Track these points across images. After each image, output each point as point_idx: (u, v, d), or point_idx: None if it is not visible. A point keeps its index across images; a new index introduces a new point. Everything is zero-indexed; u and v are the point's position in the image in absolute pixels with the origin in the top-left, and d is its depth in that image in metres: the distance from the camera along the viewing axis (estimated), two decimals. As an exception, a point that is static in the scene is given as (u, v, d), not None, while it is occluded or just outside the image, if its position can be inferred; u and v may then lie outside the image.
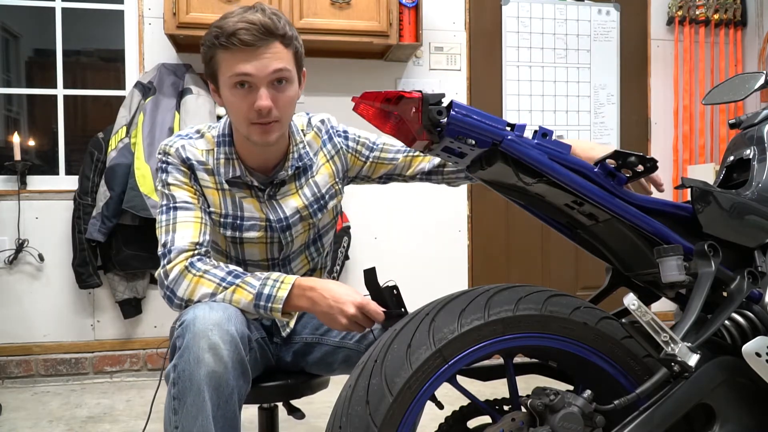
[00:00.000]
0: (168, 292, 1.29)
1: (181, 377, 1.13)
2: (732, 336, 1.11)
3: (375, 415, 0.93)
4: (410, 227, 3.56)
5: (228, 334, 1.15)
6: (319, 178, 1.48)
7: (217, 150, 1.40)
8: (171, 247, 1.30)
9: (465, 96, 3.63)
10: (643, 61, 3.87)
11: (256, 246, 1.44)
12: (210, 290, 1.26)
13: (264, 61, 1.27)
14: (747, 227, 1.12)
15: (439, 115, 0.96)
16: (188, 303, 1.27)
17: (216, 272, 1.27)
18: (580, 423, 0.96)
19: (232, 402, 1.16)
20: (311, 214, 1.47)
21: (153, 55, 3.28)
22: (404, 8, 3.24)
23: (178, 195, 1.35)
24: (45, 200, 3.17)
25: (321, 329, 1.49)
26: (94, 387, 3.12)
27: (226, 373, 1.14)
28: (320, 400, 1.67)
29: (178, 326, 1.18)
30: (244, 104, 1.29)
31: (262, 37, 1.26)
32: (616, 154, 1.02)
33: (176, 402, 1.13)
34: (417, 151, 1.55)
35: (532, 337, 1.02)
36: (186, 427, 1.12)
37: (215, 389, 1.13)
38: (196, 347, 1.13)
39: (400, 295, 1.23)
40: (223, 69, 1.29)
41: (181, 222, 1.33)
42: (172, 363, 1.16)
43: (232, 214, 1.40)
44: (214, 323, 1.15)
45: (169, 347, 1.24)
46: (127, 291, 3.14)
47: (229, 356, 1.14)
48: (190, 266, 1.28)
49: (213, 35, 1.27)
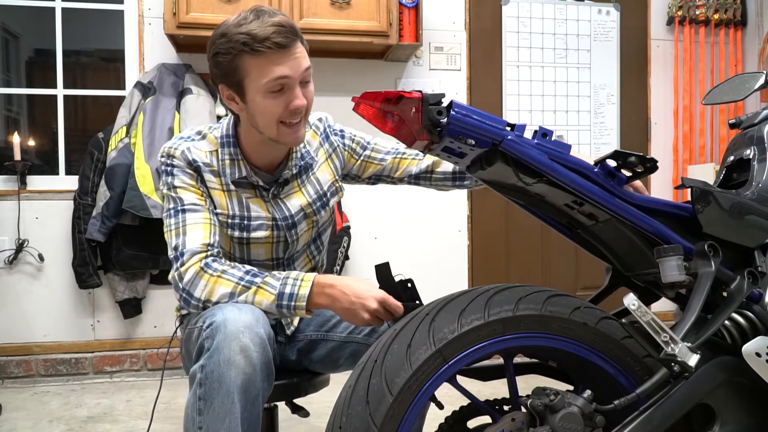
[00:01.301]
0: (184, 294, 1.28)
1: (209, 378, 1.12)
2: (732, 336, 1.11)
3: (375, 415, 0.93)
4: (410, 227, 3.56)
5: (258, 337, 1.15)
6: (321, 176, 1.49)
7: (221, 151, 1.39)
8: (183, 249, 1.29)
9: (465, 96, 3.63)
10: (643, 61, 3.87)
11: (263, 246, 1.44)
12: (229, 290, 1.25)
13: (296, 60, 1.28)
14: (747, 227, 1.12)
15: (439, 115, 0.96)
16: (206, 303, 1.26)
17: (234, 272, 1.27)
18: (580, 423, 0.96)
19: (257, 405, 1.16)
20: (315, 212, 1.47)
21: (153, 55, 3.28)
22: (404, 8, 3.24)
23: (185, 197, 1.35)
24: (45, 200, 3.17)
25: (326, 325, 1.49)
26: (94, 387, 3.12)
27: (254, 375, 1.14)
28: (320, 400, 1.67)
29: (206, 327, 1.17)
30: (280, 106, 1.29)
31: (292, 37, 1.27)
32: (616, 154, 1.02)
33: (202, 402, 1.13)
34: (406, 153, 1.56)
35: (532, 337, 1.02)
36: (212, 428, 1.12)
37: (244, 392, 1.13)
38: (227, 349, 1.12)
39: (415, 287, 1.23)
40: (256, 75, 1.26)
41: (191, 224, 1.32)
42: (199, 363, 1.15)
43: (240, 214, 1.40)
44: (245, 326, 1.15)
45: (169, 346, 1.24)
46: (127, 291, 3.14)
47: (258, 358, 1.15)
48: (206, 267, 1.27)
49: (239, 42, 1.24)
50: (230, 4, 3.00)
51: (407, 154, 1.57)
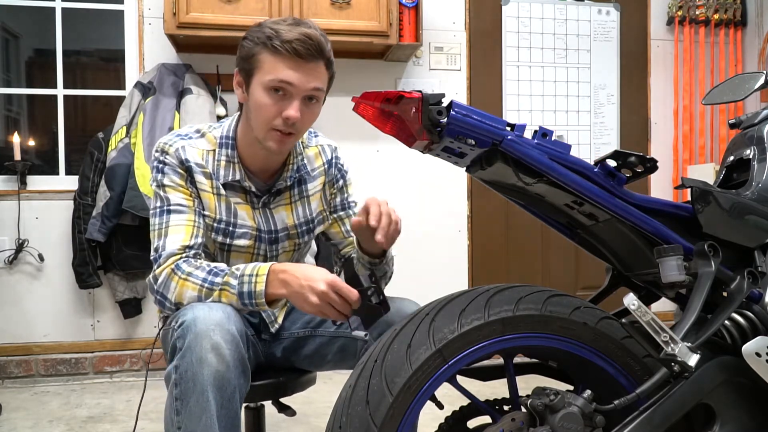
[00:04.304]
0: (159, 296, 1.30)
1: (183, 378, 1.13)
2: (732, 336, 1.11)
3: (375, 415, 0.94)
4: (410, 227, 3.55)
5: (229, 334, 1.16)
6: (313, 203, 1.50)
7: (219, 151, 1.39)
8: (162, 251, 1.31)
9: (465, 96, 3.63)
10: (643, 61, 3.87)
11: (243, 256, 1.44)
12: (195, 293, 1.26)
13: (308, 75, 1.30)
14: (747, 227, 1.12)
15: (439, 115, 0.96)
16: (178, 305, 1.27)
17: (198, 273, 1.28)
18: (580, 423, 0.96)
19: (234, 401, 1.16)
20: (298, 234, 1.48)
21: (153, 55, 3.28)
22: (404, 8, 3.24)
23: (172, 197, 1.35)
24: (45, 200, 3.17)
25: (313, 321, 1.49)
26: (94, 387, 3.12)
27: (228, 372, 1.14)
28: (320, 400, 1.67)
29: (177, 327, 1.18)
30: (274, 109, 1.30)
31: (314, 53, 1.29)
32: (616, 154, 1.02)
33: (178, 403, 1.13)
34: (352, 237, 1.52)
35: (532, 337, 1.02)
36: (189, 427, 1.12)
37: (218, 389, 1.13)
38: (198, 347, 1.13)
39: (378, 281, 1.22)
40: (265, 69, 1.29)
41: (174, 226, 1.33)
42: (173, 364, 1.15)
43: (226, 219, 1.40)
44: (216, 323, 1.15)
45: (153, 347, 1.23)
46: (127, 291, 3.14)
47: (231, 355, 1.15)
48: (176, 268, 1.28)
49: (265, 35, 1.28)
50: (230, 4, 3.00)
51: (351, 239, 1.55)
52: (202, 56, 3.26)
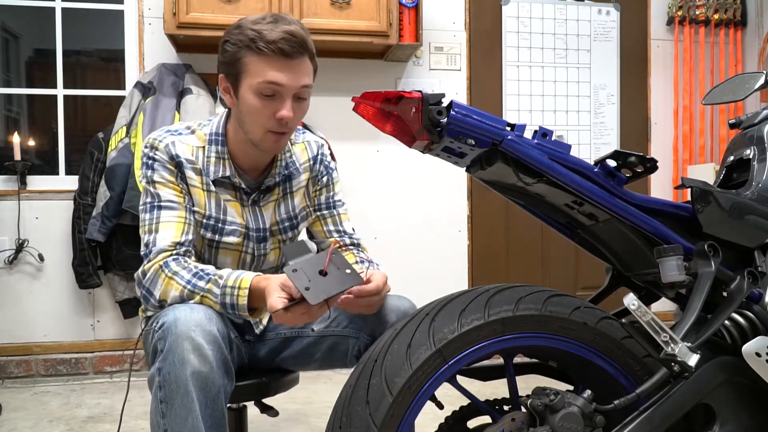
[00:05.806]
0: (144, 291, 1.29)
1: (166, 380, 1.12)
2: (732, 336, 1.11)
3: (375, 415, 0.94)
4: (410, 227, 3.56)
5: (210, 335, 1.15)
6: (297, 198, 1.49)
7: (209, 148, 1.39)
8: (152, 247, 1.30)
9: (465, 96, 3.63)
10: (643, 61, 3.87)
11: (231, 254, 1.43)
12: (178, 294, 1.26)
13: (296, 74, 1.28)
14: (747, 227, 1.12)
15: (439, 115, 0.96)
16: (162, 303, 1.27)
17: (183, 274, 1.27)
18: (580, 423, 0.96)
19: (219, 401, 1.15)
20: (281, 231, 1.47)
21: (153, 55, 3.28)
22: (404, 8, 3.24)
23: (162, 193, 1.34)
24: (45, 200, 3.17)
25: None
26: (94, 387, 3.12)
27: (211, 373, 1.13)
28: (320, 400, 1.67)
29: (158, 328, 1.17)
30: (266, 111, 1.30)
31: (300, 50, 1.27)
32: (616, 154, 1.02)
33: (164, 405, 1.13)
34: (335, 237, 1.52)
35: (532, 337, 1.02)
36: (175, 429, 1.11)
37: (202, 389, 1.12)
38: (180, 349, 1.12)
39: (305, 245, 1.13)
40: (252, 72, 1.28)
41: (164, 222, 1.33)
42: (156, 366, 1.14)
43: (215, 216, 1.39)
44: (196, 324, 1.15)
45: (135, 348, 1.21)
46: (127, 291, 3.14)
47: (214, 356, 1.14)
48: (164, 265, 1.28)
49: (248, 37, 1.26)
50: (230, 4, 3.00)
51: (332, 239, 1.53)
52: (202, 56, 3.26)
